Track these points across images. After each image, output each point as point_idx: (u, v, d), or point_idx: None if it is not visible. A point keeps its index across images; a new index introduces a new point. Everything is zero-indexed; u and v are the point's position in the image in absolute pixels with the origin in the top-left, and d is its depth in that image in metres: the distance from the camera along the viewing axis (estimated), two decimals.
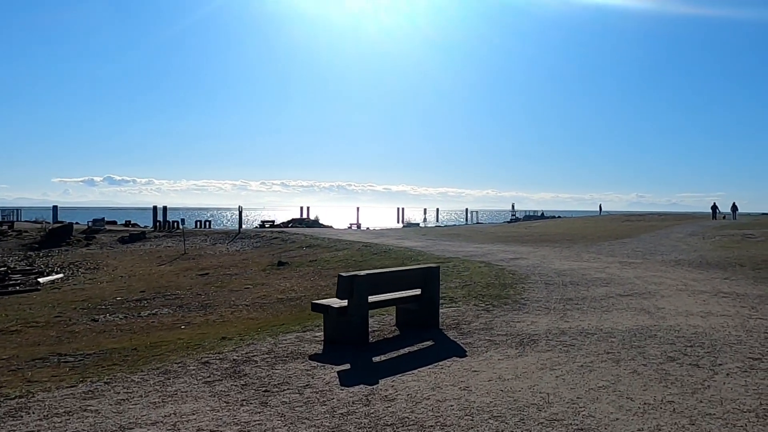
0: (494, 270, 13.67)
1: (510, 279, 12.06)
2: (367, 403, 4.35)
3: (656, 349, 6.02)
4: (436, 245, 21.89)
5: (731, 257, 15.89)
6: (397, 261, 17.48)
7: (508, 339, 6.51)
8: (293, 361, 5.58)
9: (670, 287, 10.79)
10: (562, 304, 9.00)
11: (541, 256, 17.20)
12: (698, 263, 15.05)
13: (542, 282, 11.56)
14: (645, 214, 46.67)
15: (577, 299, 9.45)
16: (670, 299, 9.38)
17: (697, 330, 6.96)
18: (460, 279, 12.31)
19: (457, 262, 15.86)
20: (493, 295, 9.83)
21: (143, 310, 13.25)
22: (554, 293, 10.12)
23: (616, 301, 9.20)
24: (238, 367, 5.40)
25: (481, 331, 6.94)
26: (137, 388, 4.76)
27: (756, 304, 8.88)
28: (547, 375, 5.09)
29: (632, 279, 11.94)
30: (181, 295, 15.02)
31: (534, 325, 7.32)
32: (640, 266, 14.50)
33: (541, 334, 6.79)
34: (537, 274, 12.94)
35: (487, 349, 6.08)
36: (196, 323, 10.83)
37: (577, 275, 12.57)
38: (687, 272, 13.32)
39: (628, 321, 7.57)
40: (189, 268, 20.60)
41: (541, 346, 6.18)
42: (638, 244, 21.10)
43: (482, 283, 11.49)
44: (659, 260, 15.98)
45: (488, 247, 20.95)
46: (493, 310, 8.48)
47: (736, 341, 6.39)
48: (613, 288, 10.68)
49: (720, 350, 5.97)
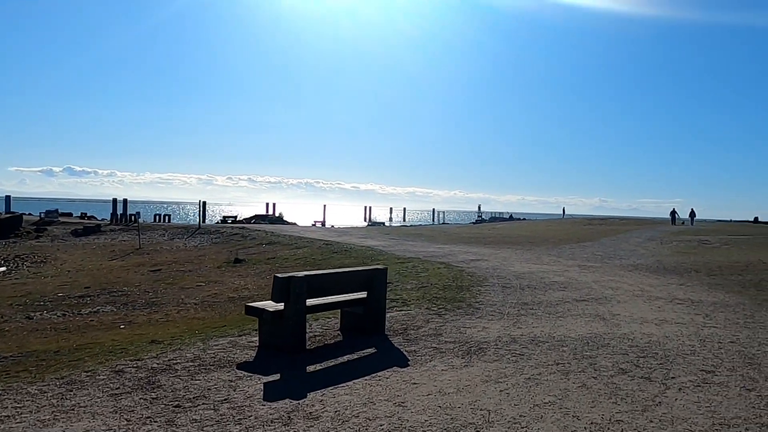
0: (453, 271, 13.33)
1: (467, 281, 11.72)
2: (287, 422, 3.86)
3: (608, 359, 5.69)
4: (399, 245, 21.50)
5: (687, 263, 15.91)
6: (356, 260, 17.02)
7: (455, 347, 6.11)
8: (218, 371, 5.06)
9: (626, 292, 10.60)
10: (516, 308, 8.67)
11: (502, 258, 16.96)
12: (655, 268, 15.00)
13: (499, 285, 11.25)
14: (607, 218, 47.25)
15: (533, 304, 9.14)
16: (625, 305, 9.14)
17: (651, 339, 6.69)
18: (417, 280, 11.92)
19: (416, 262, 15.48)
20: (447, 298, 9.46)
21: (85, 307, 12.49)
22: (510, 297, 9.80)
23: (572, 307, 8.91)
24: (155, 377, 4.85)
25: (428, 338, 6.52)
26: (30, 401, 4.18)
27: (710, 312, 8.70)
28: (491, 389, 4.69)
29: (590, 283, 11.72)
30: (128, 292, 14.26)
31: (485, 332, 6.94)
32: (598, 270, 14.35)
33: (491, 341, 6.41)
34: (495, 276, 12.64)
35: (432, 358, 5.66)
36: (138, 323, 10.17)
37: (536, 278, 12.31)
38: (644, 277, 13.20)
39: (582, 328, 7.27)
40: (142, 263, 19.73)
41: (489, 355, 5.79)
42: (598, 247, 21.09)
43: (439, 285, 11.11)
44: (618, 264, 15.90)
45: (450, 247, 20.65)
46: (446, 314, 8.08)
47: (689, 351, 6.13)
48: (569, 292, 10.42)
49: (673, 361, 5.68)
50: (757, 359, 5.89)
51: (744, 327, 7.62)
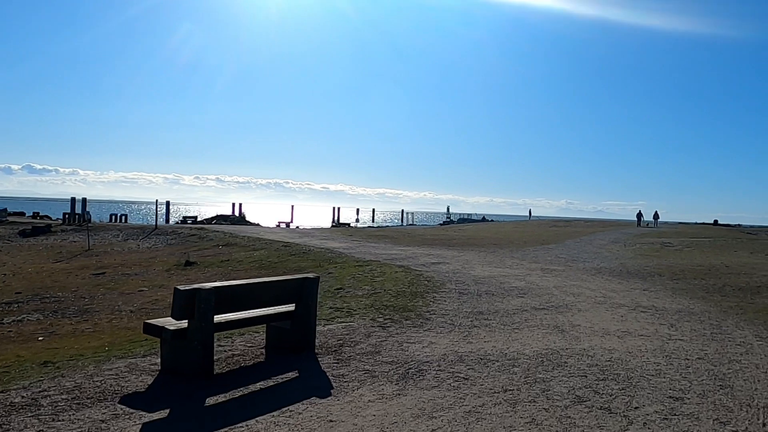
0: (411, 276, 12.52)
1: (424, 287, 10.92)
2: None
3: (563, 384, 4.91)
4: (361, 247, 20.63)
5: (651, 266, 15.41)
6: (314, 263, 16.12)
7: (391, 369, 5.25)
8: (94, 406, 4.10)
9: (588, 299, 9.92)
10: (470, 318, 7.88)
11: (464, 261, 16.23)
12: (619, 272, 14.43)
13: (457, 291, 10.47)
14: (572, 220, 47.15)
15: (489, 313, 8.36)
16: (586, 314, 8.43)
17: (613, 356, 5.95)
18: (371, 286, 11.07)
19: (375, 266, 14.64)
20: (398, 307, 8.62)
21: (9, 315, 11.29)
22: (466, 305, 9.02)
23: (530, 316, 8.16)
24: (9, 416, 3.87)
25: (363, 357, 5.66)
26: None
27: (675, 321, 8.04)
28: (421, 427, 3.84)
29: (551, 289, 11.03)
30: (62, 298, 13.05)
31: (430, 348, 6.11)
32: (561, 274, 13.71)
33: (435, 361, 5.58)
34: (454, 281, 11.87)
35: (361, 384, 4.79)
36: (61, 333, 9.07)
37: (495, 283, 11.57)
38: (607, 282, 12.59)
39: (538, 342, 6.50)
40: (86, 266, 18.42)
41: (428, 379, 4.95)
42: (562, 250, 20.55)
43: (393, 291, 10.28)
44: (581, 268, 15.30)
45: (413, 250, 19.86)
46: (391, 326, 7.23)
47: (654, 371, 5.39)
48: (529, 299, 9.69)
49: (637, 385, 4.93)
50: (728, 380, 5.19)
51: (711, 339, 6.95)
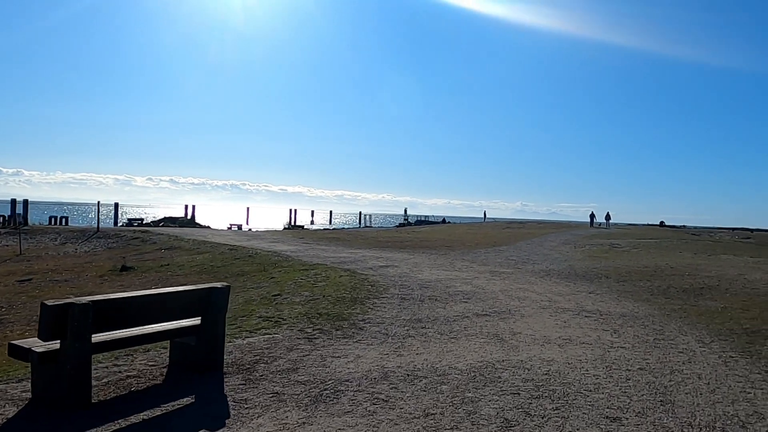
0: (355, 280, 11.92)
1: (366, 292, 10.34)
2: None
3: (493, 404, 4.39)
4: (311, 249, 19.92)
5: (598, 268, 15.26)
6: (258, 266, 15.34)
7: (304, 390, 4.64)
8: None
9: (533, 303, 9.53)
10: (407, 327, 7.33)
11: (413, 264, 15.74)
12: (566, 274, 14.20)
13: (399, 296, 9.93)
14: (525, 222, 47.49)
15: (428, 320, 7.84)
16: (529, 320, 8.01)
17: (551, 368, 5.49)
18: (311, 292, 10.42)
19: (320, 269, 13.98)
20: (333, 315, 8.01)
21: None
22: (406, 311, 8.48)
23: (470, 323, 7.68)
24: None
25: (277, 376, 5.02)
26: None
27: (618, 327, 7.70)
28: None
29: (497, 293, 10.61)
30: None
31: (355, 363, 5.52)
32: (509, 277, 13.36)
33: (356, 379, 4.99)
34: (399, 285, 11.33)
35: (265, 410, 4.16)
36: None
37: (441, 288, 11.10)
38: (554, 284, 12.29)
39: (474, 354, 6.00)
40: (13, 272, 17.09)
41: (343, 402, 4.36)
42: (513, 252, 20.33)
43: (332, 298, 9.66)
44: (530, 270, 15.02)
45: (364, 252, 19.27)
46: (319, 337, 6.62)
47: (593, 386, 4.95)
48: (472, 305, 9.23)
49: (573, 403, 4.46)
50: (669, 394, 4.78)
51: (654, 346, 6.60)
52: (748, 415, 4.35)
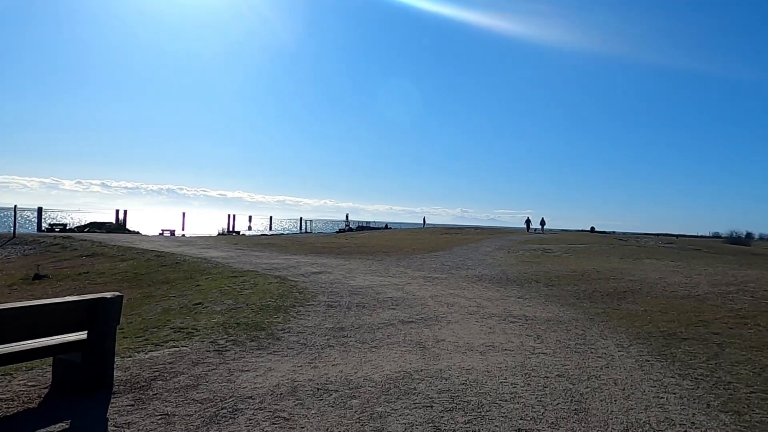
0: (284, 287, 11.47)
1: (292, 300, 9.92)
2: None
3: (403, 419, 4.11)
4: (244, 256, 19.23)
5: (529, 272, 15.42)
6: (185, 274, 14.60)
7: (199, 410, 4.21)
8: None
9: (461, 309, 9.40)
10: (328, 336, 6.99)
11: (347, 270, 15.41)
12: (498, 279, 14.25)
13: (326, 304, 9.57)
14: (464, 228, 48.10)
15: (351, 328, 7.52)
16: (455, 326, 7.84)
17: (469, 377, 5.29)
18: (234, 300, 9.89)
19: (250, 276, 13.43)
20: (252, 325, 7.56)
21: None
22: (330, 320, 8.13)
23: (395, 331, 7.42)
24: None
25: (173, 394, 4.56)
26: None
27: (542, 332, 7.64)
28: None
29: (426, 299, 10.44)
30: None
31: (264, 377, 5.13)
32: (442, 282, 13.26)
33: (261, 395, 4.60)
34: (329, 292, 10.98)
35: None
36: None
37: (371, 294, 10.82)
38: (485, 289, 12.26)
39: (393, 363, 5.73)
40: None
41: (240, 423, 3.96)
42: (449, 257, 20.36)
43: (256, 306, 9.19)
44: (463, 275, 15.00)
45: (299, 259, 18.77)
46: (231, 349, 6.17)
47: (509, 395, 4.77)
48: (400, 311, 8.99)
49: (486, 416, 4.25)
50: (584, 402, 4.66)
51: (574, 351, 6.54)
52: (659, 421, 4.27)
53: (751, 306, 9.89)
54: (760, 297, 10.83)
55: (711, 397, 4.89)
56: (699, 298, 10.86)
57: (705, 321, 8.69)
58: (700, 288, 12.20)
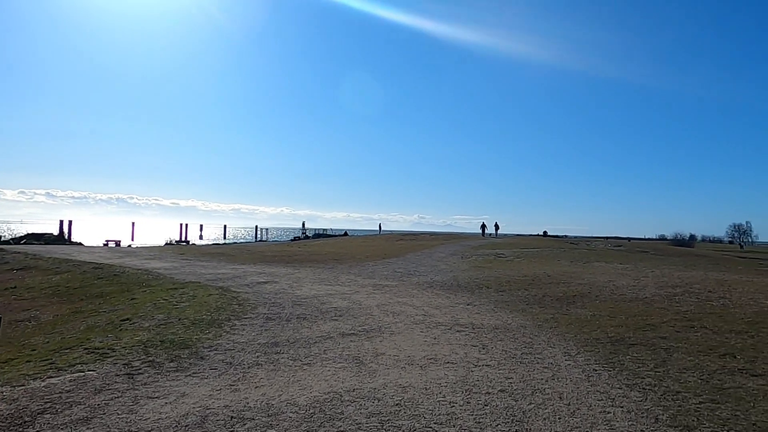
0: (224, 299, 10.77)
1: (230, 312, 9.26)
2: None
3: None
4: (188, 266, 18.30)
5: (480, 278, 15.13)
6: (121, 287, 13.67)
7: None
8: None
9: (407, 318, 8.94)
10: (259, 353, 6.40)
11: (295, 279, 14.78)
12: (449, 285, 13.90)
13: (265, 316, 8.95)
14: (420, 234, 47.94)
15: (286, 343, 6.94)
16: (398, 338, 7.37)
17: (405, 396, 4.80)
18: (166, 314, 9.16)
19: (191, 288, 12.65)
20: (177, 342, 6.88)
21: None
22: (265, 334, 7.53)
23: (333, 345, 6.88)
24: None
25: (58, 431, 3.90)
26: None
27: (488, 342, 7.25)
28: None
29: (372, 308, 9.94)
30: None
31: (174, 404, 4.51)
32: (391, 290, 12.79)
33: (162, 428, 3.99)
34: (271, 303, 10.35)
35: None
36: None
37: (315, 304, 10.25)
38: (435, 296, 11.86)
39: (324, 383, 5.19)
40: None
41: None
42: (402, 264, 19.94)
43: (188, 321, 8.50)
44: (414, 282, 14.58)
45: (246, 268, 17.99)
46: (144, 372, 5.50)
47: (445, 416, 4.30)
48: (342, 323, 8.46)
49: None
50: (527, 421, 4.23)
51: (520, 362, 6.16)
52: None
53: (697, 308, 9.81)
54: (705, 298, 10.81)
55: (659, 409, 4.55)
56: (646, 301, 10.74)
57: (652, 325, 8.50)
58: (647, 290, 12.14)
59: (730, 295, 11.12)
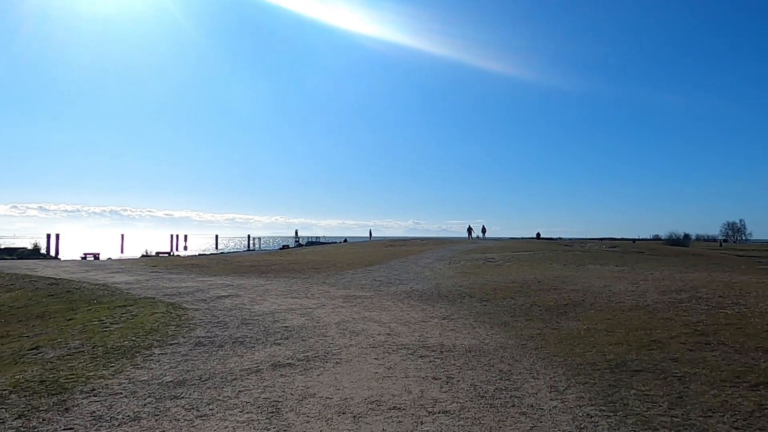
0: (166, 318, 9.21)
1: (158, 336, 7.66)
2: None
3: None
4: (154, 280, 16.65)
5: (464, 285, 13.50)
6: (68, 305, 12.07)
7: None
8: None
9: (366, 339, 7.32)
10: (149, 399, 4.76)
11: (261, 292, 13.15)
12: (429, 294, 12.27)
13: (197, 341, 7.34)
14: (410, 239, 46.21)
15: (197, 381, 5.32)
16: (344, 368, 5.74)
17: None
18: (84, 341, 7.64)
19: (140, 305, 11.06)
20: (55, 384, 5.27)
21: None
22: (179, 367, 5.90)
23: (254, 383, 5.26)
24: None
25: None
26: None
27: (455, 372, 5.62)
28: None
29: (331, 326, 8.32)
30: None
31: None
32: (363, 302, 11.17)
33: None
34: (215, 323, 8.74)
35: None
36: None
37: (266, 323, 8.64)
38: (409, 309, 10.23)
39: None
40: None
41: None
42: (384, 271, 18.30)
43: (103, 349, 6.94)
44: (392, 292, 12.95)
45: (214, 280, 16.35)
46: None
47: None
48: (284, 348, 6.83)
49: None
50: None
51: (491, 406, 4.53)
52: None
53: (709, 318, 8.18)
54: (716, 305, 9.18)
55: None
56: (649, 310, 9.13)
57: (659, 341, 6.89)
58: (648, 296, 10.52)
59: (744, 301, 9.49)
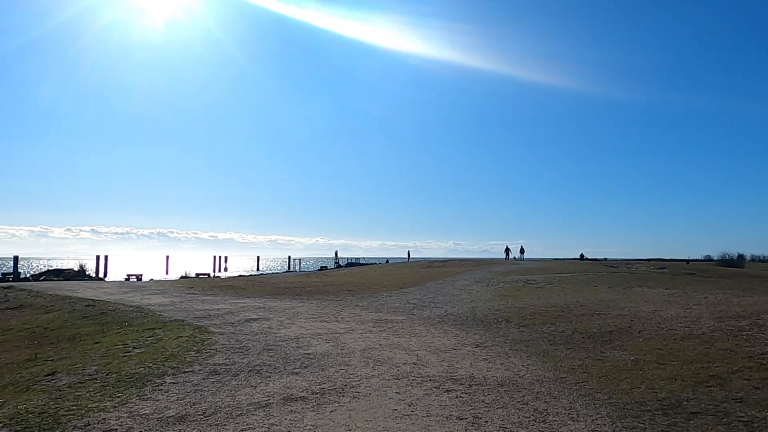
0: (190, 343, 8.94)
1: (178, 362, 7.34)
2: None
3: None
4: (188, 302, 16.56)
5: (502, 309, 12.73)
6: (101, 327, 12.05)
7: None
8: None
9: (390, 369, 6.74)
10: None
11: (291, 315, 12.77)
12: (464, 319, 11.58)
13: (213, 368, 6.94)
14: (449, 260, 45.25)
15: (199, 417, 4.87)
16: (360, 404, 5.18)
17: None
18: (103, 366, 7.41)
19: (168, 328, 10.90)
20: (51, 418, 4.93)
21: None
22: (186, 399, 5.49)
23: (259, 420, 4.77)
24: None
25: None
26: None
27: (484, 412, 4.97)
28: None
29: (355, 353, 7.79)
30: None
31: None
32: (393, 327, 10.59)
33: None
34: (237, 348, 8.37)
35: None
36: None
37: (289, 349, 8.20)
38: (442, 335, 9.59)
39: None
40: None
41: None
42: (419, 293, 17.66)
43: (116, 376, 6.65)
44: (425, 316, 12.32)
45: (247, 302, 16.11)
46: None
47: None
48: (301, 378, 6.33)
49: None
50: None
51: None
52: None
53: None
54: None
55: None
56: (704, 339, 8.19)
57: (719, 376, 6.04)
58: (703, 323, 9.53)
59: None
